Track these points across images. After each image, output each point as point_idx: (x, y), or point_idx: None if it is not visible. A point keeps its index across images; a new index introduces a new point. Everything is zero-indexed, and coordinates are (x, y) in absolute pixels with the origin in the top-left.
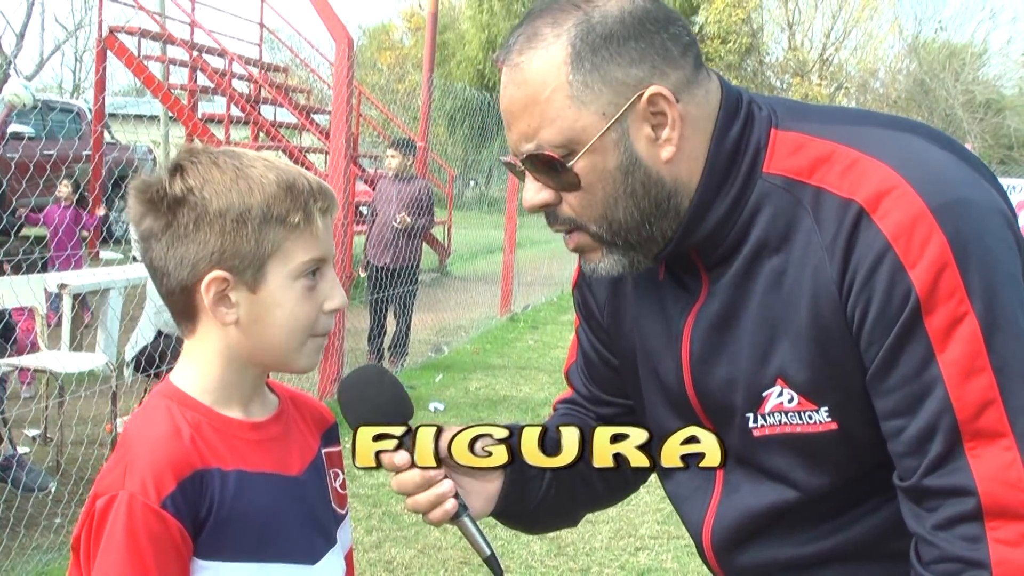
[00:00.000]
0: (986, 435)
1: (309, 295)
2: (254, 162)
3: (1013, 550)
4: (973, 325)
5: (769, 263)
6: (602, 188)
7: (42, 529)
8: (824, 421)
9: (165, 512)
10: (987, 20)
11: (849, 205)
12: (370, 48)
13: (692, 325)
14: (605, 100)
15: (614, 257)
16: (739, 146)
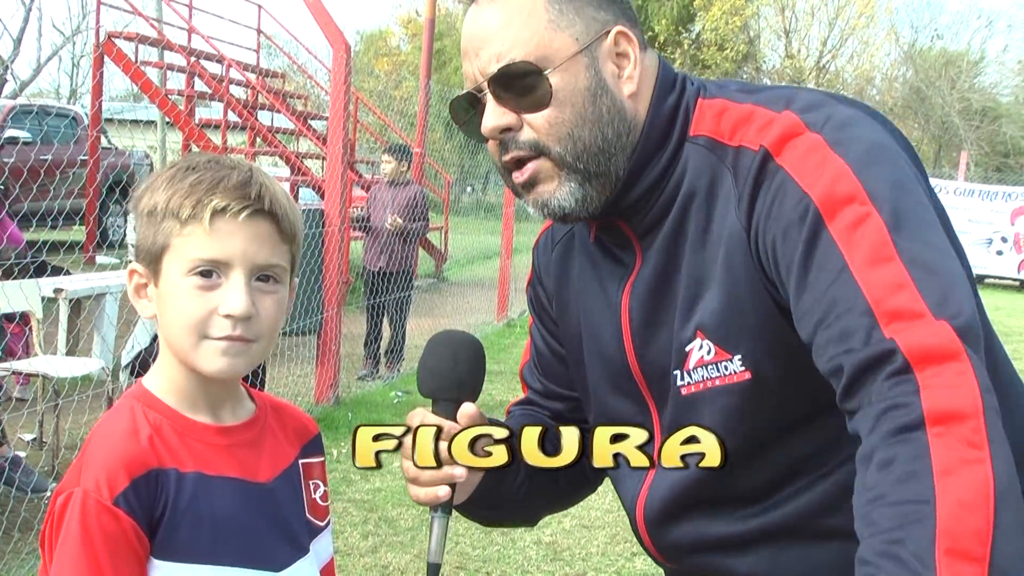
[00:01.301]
0: (903, 315)
1: (199, 294)
2: (205, 165)
3: (946, 390)
4: (877, 222)
5: (695, 220)
6: (571, 106)
7: (35, 533)
8: (738, 371)
9: (118, 509)
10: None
11: (757, 153)
12: (367, 54)
13: (629, 294)
14: (578, 28)
15: (571, 185)
16: (674, 114)
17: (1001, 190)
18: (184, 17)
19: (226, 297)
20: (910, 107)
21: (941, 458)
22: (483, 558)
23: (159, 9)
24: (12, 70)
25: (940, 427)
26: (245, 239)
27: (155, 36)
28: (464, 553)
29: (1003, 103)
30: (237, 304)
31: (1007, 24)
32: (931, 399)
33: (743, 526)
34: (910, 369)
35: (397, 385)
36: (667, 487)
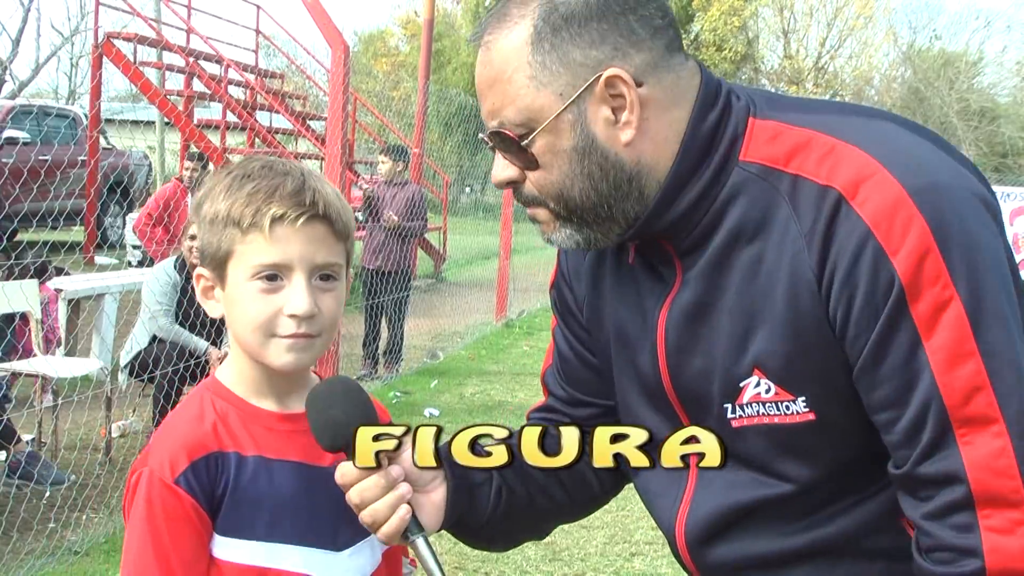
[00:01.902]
0: (976, 421)
1: (265, 297)
2: (259, 171)
3: (1005, 538)
4: (959, 310)
5: (746, 252)
6: (558, 168)
7: (35, 533)
8: (801, 411)
9: (178, 488)
10: (982, 29)
11: (827, 192)
12: (366, 55)
13: (666, 315)
14: (563, 81)
15: (567, 231)
16: (716, 133)
17: (1000, 190)
18: (183, 18)
19: (289, 298)
20: (908, 107)
21: None
22: (482, 558)
23: (158, 10)
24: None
25: (1000, 571)
26: (303, 243)
27: (154, 37)
28: (463, 553)
29: (1001, 103)
30: (300, 304)
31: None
32: (993, 544)
33: (788, 543)
34: (971, 504)
35: (395, 385)
36: (712, 507)
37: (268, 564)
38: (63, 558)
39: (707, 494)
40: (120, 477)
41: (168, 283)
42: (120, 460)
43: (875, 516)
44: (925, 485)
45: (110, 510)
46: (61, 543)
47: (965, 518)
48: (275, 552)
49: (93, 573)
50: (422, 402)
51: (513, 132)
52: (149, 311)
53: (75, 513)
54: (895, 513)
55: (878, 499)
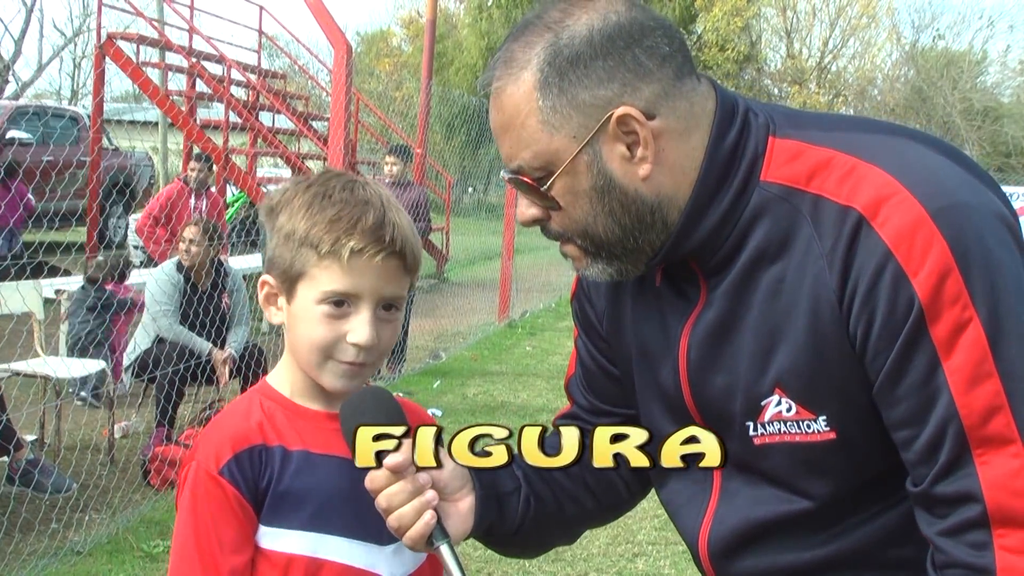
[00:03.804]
0: (994, 441)
1: (330, 322)
2: (341, 194)
3: (1019, 558)
4: (978, 331)
5: (768, 272)
6: (579, 208)
7: (37, 534)
8: (823, 431)
9: (222, 478)
10: (985, 28)
11: (848, 212)
12: (368, 55)
13: (690, 333)
14: (575, 123)
15: (599, 266)
16: (735, 153)
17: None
18: (185, 18)
19: (354, 328)
20: (912, 107)
21: None
22: (484, 559)
23: (160, 10)
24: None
25: None
26: (375, 276)
27: (156, 37)
28: (465, 553)
29: (1005, 103)
30: (363, 336)
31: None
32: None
33: (811, 556)
34: (987, 523)
35: (398, 386)
36: (736, 520)
37: (313, 553)
38: (65, 558)
39: (731, 508)
40: (122, 478)
41: (170, 284)
42: (122, 461)
43: (897, 526)
44: (941, 504)
45: (112, 511)
46: (63, 543)
47: (980, 536)
48: (320, 542)
49: (95, 573)
50: (425, 402)
51: (531, 177)
52: (152, 312)
53: (77, 513)
54: (917, 523)
55: (899, 509)
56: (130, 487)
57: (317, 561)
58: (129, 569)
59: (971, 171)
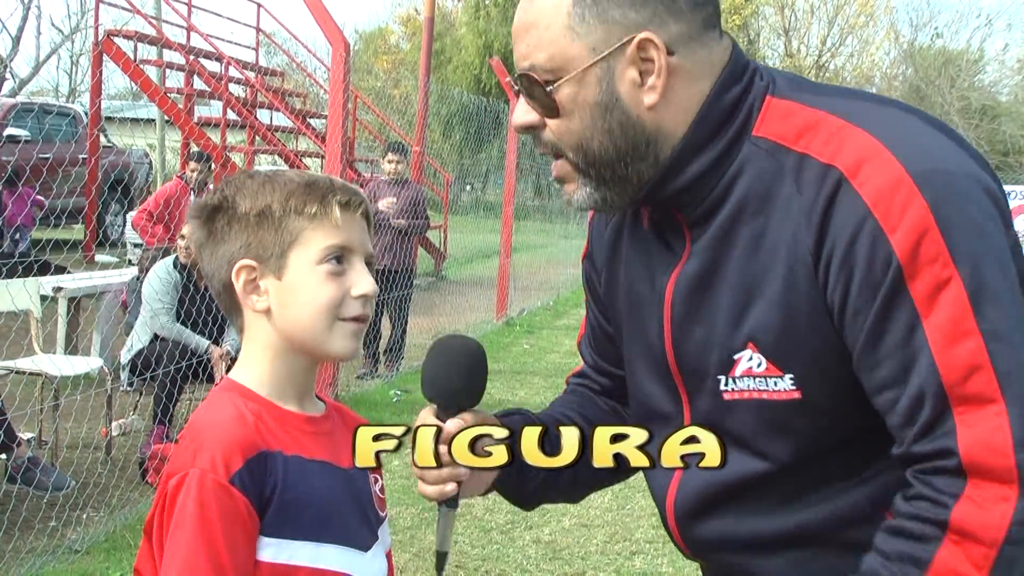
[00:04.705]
0: (975, 400)
1: (333, 279)
2: (286, 172)
3: (979, 510)
4: (958, 289)
5: (749, 226)
6: (579, 119)
7: (36, 532)
8: (788, 389)
9: (233, 488)
10: (983, 27)
11: (829, 170)
12: (367, 53)
13: (674, 285)
14: (597, 36)
15: (587, 190)
16: (735, 106)
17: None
18: (183, 15)
19: (357, 280)
20: None
21: (942, 562)
22: (482, 556)
23: (158, 7)
24: (11, 68)
25: (957, 538)
26: (360, 229)
27: (154, 34)
28: (463, 552)
29: (1002, 102)
30: (368, 285)
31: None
32: (963, 513)
33: (772, 526)
34: (962, 474)
35: (396, 384)
36: (701, 481)
37: (314, 564)
38: (63, 556)
39: (696, 470)
40: (121, 476)
41: (168, 281)
42: (121, 459)
43: (860, 507)
44: (921, 460)
45: (111, 509)
46: (62, 542)
47: (950, 484)
48: (320, 552)
49: (93, 572)
50: (422, 401)
51: (541, 77)
52: (150, 309)
53: (76, 512)
54: (880, 505)
55: (863, 490)
56: (128, 485)
57: (319, 572)
58: (127, 567)
59: (961, 145)
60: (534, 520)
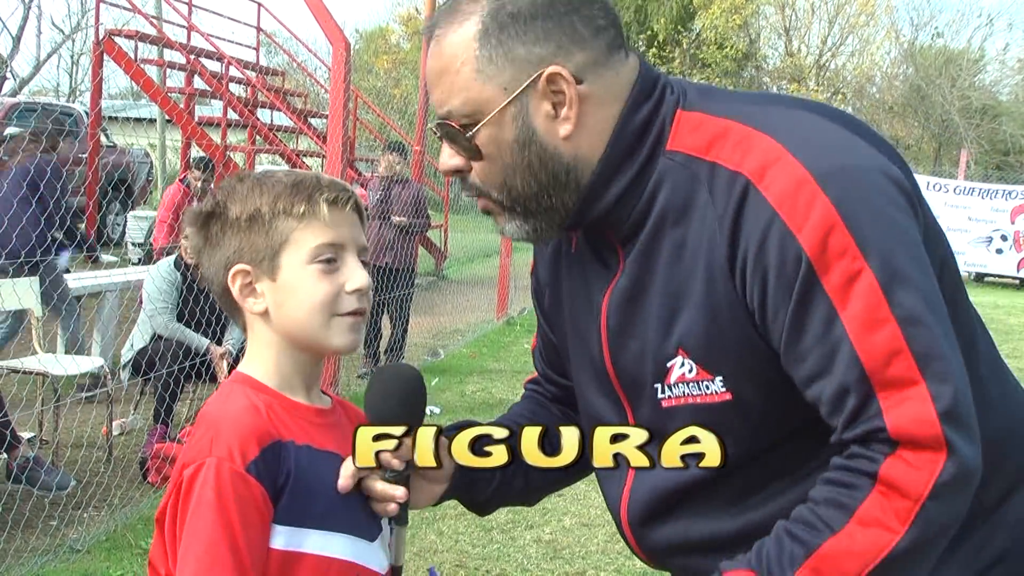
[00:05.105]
0: (897, 383)
1: (326, 277)
2: (275, 173)
3: (908, 467)
4: (870, 279)
5: (670, 237)
6: (500, 159)
7: (37, 531)
8: (719, 391)
9: (249, 476)
10: (984, 26)
11: (736, 177)
12: (367, 52)
13: (608, 300)
14: (507, 76)
15: (516, 223)
16: (646, 126)
17: (1001, 188)
18: (184, 15)
19: (350, 275)
20: (910, 105)
21: (867, 510)
22: (482, 556)
23: (158, 7)
24: (11, 68)
25: (884, 489)
26: (350, 225)
27: (155, 34)
28: (463, 551)
29: (1003, 101)
30: (361, 279)
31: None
32: (892, 468)
33: (720, 527)
34: (893, 444)
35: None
36: (649, 488)
37: (323, 552)
38: (65, 556)
39: (646, 476)
40: (123, 476)
41: (168, 281)
42: (123, 459)
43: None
44: (851, 444)
45: (112, 508)
46: (63, 541)
47: (883, 447)
48: (329, 540)
49: (94, 571)
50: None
51: (458, 123)
52: (150, 309)
53: (77, 511)
54: None
55: (806, 485)
56: (130, 485)
57: (327, 560)
58: (127, 567)
59: (868, 139)
60: (535, 519)
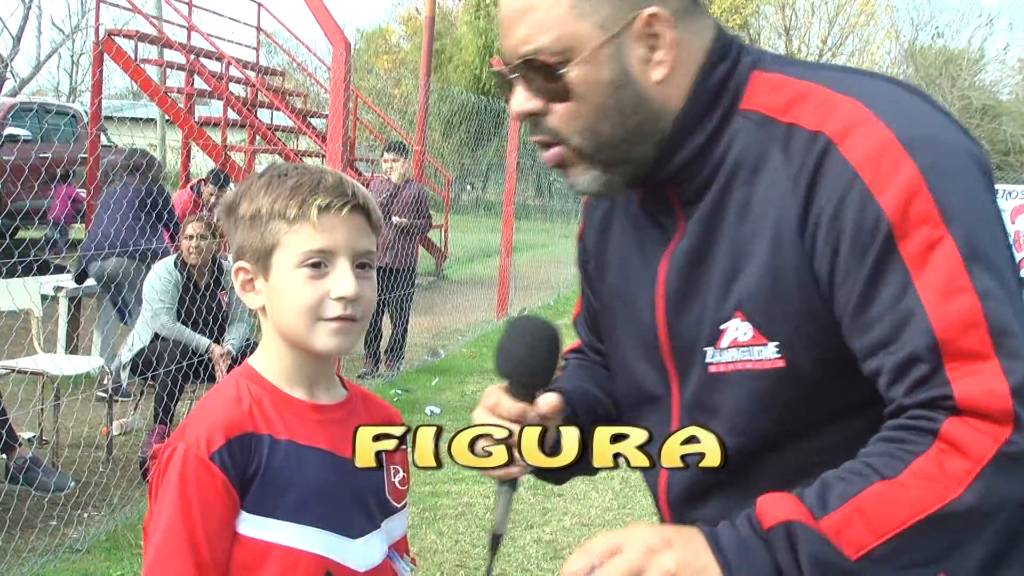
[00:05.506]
0: (969, 356)
1: (312, 282)
2: (291, 172)
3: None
4: (951, 248)
5: (738, 195)
6: (592, 100)
7: (37, 531)
8: (772, 357)
9: (212, 464)
10: (984, 26)
11: (816, 137)
12: (367, 52)
13: (667, 264)
14: (605, 13)
15: (594, 173)
16: (724, 82)
17: (1001, 188)
18: (184, 15)
19: (336, 282)
20: None
21: (923, 465)
22: (483, 556)
23: (159, 7)
24: (11, 67)
25: (944, 447)
26: (346, 231)
27: (155, 34)
28: (464, 551)
29: (1003, 101)
30: (347, 287)
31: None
32: (954, 427)
33: None
34: (958, 411)
35: (397, 383)
36: (687, 471)
37: (291, 543)
38: (64, 556)
39: None
40: (122, 475)
41: (169, 281)
42: (123, 459)
43: None
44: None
45: (112, 508)
46: (63, 541)
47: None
48: (299, 533)
49: (94, 571)
50: (423, 400)
51: (548, 60)
52: (151, 309)
53: (77, 511)
54: None
55: None
56: (129, 485)
57: (295, 552)
58: (127, 566)
59: (950, 119)
60: (535, 519)
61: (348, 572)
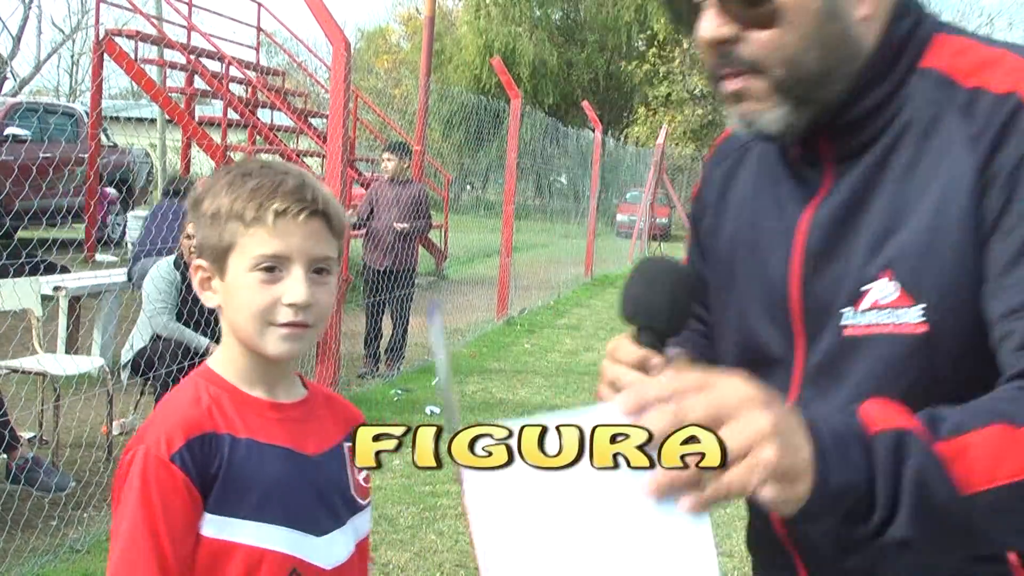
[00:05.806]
0: None
1: (264, 287)
2: (260, 170)
3: None
4: None
5: (904, 153)
6: (800, 27)
7: (38, 531)
8: (915, 321)
9: (173, 465)
10: (984, 26)
11: (1007, 98)
12: (367, 52)
13: (811, 219)
14: None
15: (783, 110)
16: (909, 36)
17: None
18: (184, 15)
19: (288, 288)
20: None
21: None
22: None
23: (159, 7)
24: (12, 68)
25: None
26: (302, 236)
27: (155, 34)
28: (464, 551)
29: None
30: (298, 294)
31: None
32: None
33: None
34: None
35: (397, 383)
36: None
37: (256, 543)
38: (65, 556)
39: None
40: None
41: (168, 281)
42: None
43: None
44: None
45: (111, 508)
46: (63, 541)
47: None
48: (263, 532)
49: (95, 571)
50: (423, 400)
51: None
52: (150, 309)
53: (77, 511)
54: None
55: None
56: None
57: (259, 551)
58: None
59: None
60: None
61: (314, 570)
